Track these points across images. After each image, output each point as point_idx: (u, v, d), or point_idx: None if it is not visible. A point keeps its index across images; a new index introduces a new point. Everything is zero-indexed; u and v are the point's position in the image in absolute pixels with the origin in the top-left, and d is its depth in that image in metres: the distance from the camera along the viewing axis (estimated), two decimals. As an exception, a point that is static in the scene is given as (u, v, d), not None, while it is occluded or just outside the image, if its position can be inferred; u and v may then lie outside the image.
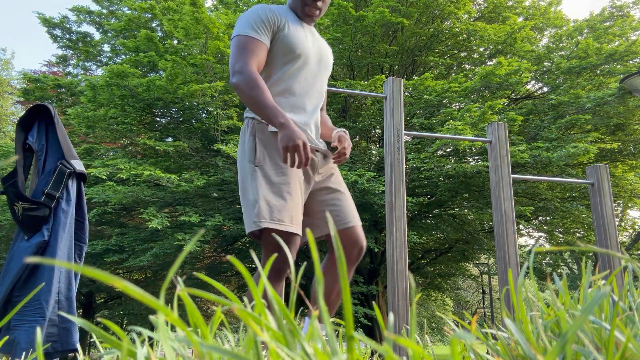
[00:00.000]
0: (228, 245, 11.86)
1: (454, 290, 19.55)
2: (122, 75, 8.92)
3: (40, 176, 2.16)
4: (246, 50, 1.73)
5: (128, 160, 9.42)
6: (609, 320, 0.51)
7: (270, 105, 1.62)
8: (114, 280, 0.28)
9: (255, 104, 1.64)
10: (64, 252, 2.09)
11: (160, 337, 0.35)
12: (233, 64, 1.73)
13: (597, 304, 0.36)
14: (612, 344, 0.41)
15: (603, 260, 3.03)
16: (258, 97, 1.63)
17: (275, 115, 1.60)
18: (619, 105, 9.50)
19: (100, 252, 9.65)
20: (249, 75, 1.68)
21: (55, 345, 1.95)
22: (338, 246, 0.38)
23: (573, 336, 0.33)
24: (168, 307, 0.36)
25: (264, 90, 1.65)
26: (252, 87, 1.65)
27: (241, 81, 1.68)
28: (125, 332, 0.40)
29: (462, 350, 0.57)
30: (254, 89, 1.65)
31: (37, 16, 11.92)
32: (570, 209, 10.43)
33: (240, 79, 1.68)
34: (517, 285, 0.61)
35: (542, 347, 0.52)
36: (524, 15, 12.35)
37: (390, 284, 2.43)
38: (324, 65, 1.94)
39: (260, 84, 1.66)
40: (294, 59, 1.82)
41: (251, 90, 1.65)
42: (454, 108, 10.18)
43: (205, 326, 0.44)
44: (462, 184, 9.71)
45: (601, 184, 3.18)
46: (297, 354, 0.36)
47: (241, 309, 0.36)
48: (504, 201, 2.85)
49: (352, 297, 9.68)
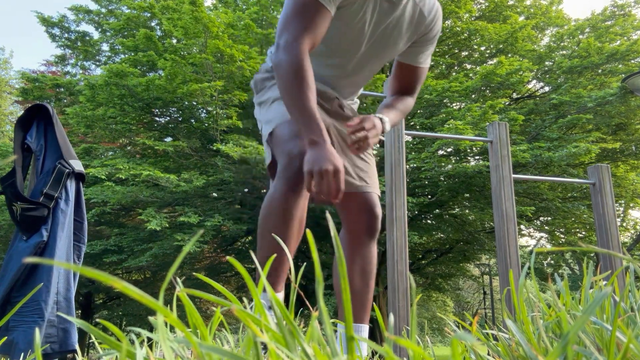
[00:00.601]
0: (227, 246, 11.86)
1: (454, 291, 19.55)
2: (121, 74, 8.92)
3: (39, 176, 2.16)
4: (303, 16, 1.30)
5: (127, 160, 9.42)
6: (610, 321, 0.51)
7: (308, 111, 1.23)
8: (113, 281, 0.28)
9: (290, 100, 1.26)
10: (63, 253, 2.08)
11: (160, 337, 0.35)
12: (280, 31, 1.32)
13: (598, 304, 0.36)
14: (613, 344, 0.41)
15: (604, 260, 3.03)
16: (297, 93, 1.25)
17: (309, 127, 1.22)
18: (621, 104, 9.50)
19: (99, 253, 9.65)
20: (297, 57, 1.27)
21: (54, 346, 1.95)
22: (338, 246, 0.38)
23: (574, 337, 0.33)
24: (167, 307, 0.36)
25: (308, 87, 1.26)
26: (294, 77, 1.26)
27: (284, 62, 1.27)
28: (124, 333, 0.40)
29: (463, 351, 0.56)
30: (295, 81, 1.26)
31: (36, 15, 11.91)
32: (572, 209, 10.43)
33: (283, 58, 1.28)
34: (518, 286, 0.60)
35: (544, 348, 0.52)
36: (525, 14, 12.35)
37: (390, 285, 2.43)
38: (383, 47, 1.52)
39: (307, 76, 1.26)
40: (329, 51, 1.48)
41: (292, 81, 1.26)
42: (454, 107, 10.18)
43: (204, 327, 0.44)
44: (463, 184, 9.71)
45: (602, 184, 3.18)
46: (297, 354, 0.36)
47: (240, 309, 0.36)
48: (505, 201, 2.84)
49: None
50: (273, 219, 1.29)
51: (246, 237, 11.29)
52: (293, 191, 1.28)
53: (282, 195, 1.28)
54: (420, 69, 1.61)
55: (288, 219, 1.29)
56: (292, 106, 1.26)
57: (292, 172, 1.27)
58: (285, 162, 1.29)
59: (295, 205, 1.29)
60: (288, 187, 1.27)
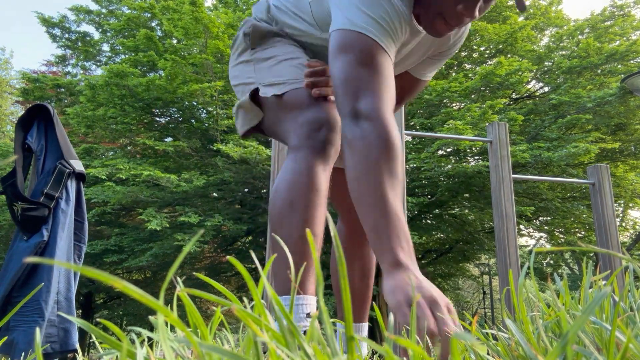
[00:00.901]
0: (228, 246, 11.86)
1: (454, 291, 19.55)
2: (121, 74, 8.93)
3: (40, 176, 2.16)
4: (376, 72, 0.99)
5: (127, 160, 9.42)
6: (609, 321, 0.51)
7: (393, 211, 0.85)
8: (114, 281, 0.28)
9: (368, 190, 0.89)
10: (63, 253, 2.08)
11: (160, 337, 0.35)
12: (352, 94, 0.97)
13: (598, 304, 0.36)
14: (613, 344, 0.41)
15: (604, 260, 3.03)
16: (382, 182, 0.88)
17: (396, 238, 0.83)
18: (620, 105, 9.51)
19: (100, 253, 9.66)
20: (386, 131, 0.93)
21: (55, 346, 1.95)
22: (338, 246, 0.38)
23: (574, 337, 0.33)
24: (167, 307, 0.36)
25: (396, 173, 0.91)
26: (382, 155, 0.90)
27: (371, 135, 0.92)
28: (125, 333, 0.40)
29: (463, 350, 0.57)
30: (383, 162, 0.90)
31: (37, 15, 11.91)
32: (571, 209, 10.44)
33: (370, 130, 0.93)
34: (518, 286, 0.60)
35: (543, 347, 0.52)
36: (524, 14, 12.35)
37: (390, 284, 2.42)
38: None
39: (397, 156, 0.92)
40: None
41: (378, 161, 0.90)
42: (454, 108, 10.18)
43: (204, 327, 0.44)
44: (463, 184, 9.71)
45: (602, 184, 3.18)
46: (297, 354, 0.36)
47: (241, 309, 0.36)
48: (504, 201, 2.85)
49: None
50: (303, 195, 1.03)
51: (246, 237, 11.29)
52: (323, 162, 1.07)
53: (310, 166, 1.05)
54: (421, 82, 1.44)
55: (321, 194, 1.05)
56: (370, 197, 0.88)
57: (319, 140, 1.07)
58: (308, 130, 1.08)
59: (325, 180, 1.07)
60: (316, 156, 1.06)
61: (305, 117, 1.10)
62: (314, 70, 1.17)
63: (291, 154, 1.09)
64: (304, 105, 1.12)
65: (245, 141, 8.70)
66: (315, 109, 1.11)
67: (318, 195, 1.04)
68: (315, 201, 1.03)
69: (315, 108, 1.11)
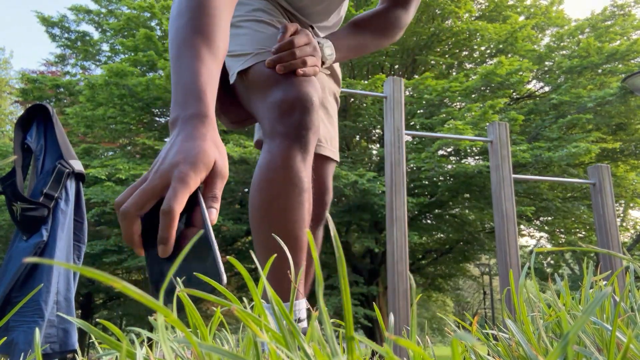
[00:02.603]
0: (227, 246, 11.86)
1: (454, 291, 19.56)
2: (121, 74, 8.93)
3: (39, 176, 2.16)
4: None
5: (127, 160, 9.42)
6: (610, 321, 0.51)
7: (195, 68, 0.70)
8: (113, 281, 0.28)
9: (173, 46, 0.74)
10: (63, 253, 2.08)
11: (160, 337, 0.35)
12: None
13: (598, 304, 0.36)
14: (613, 344, 0.41)
15: (604, 260, 3.03)
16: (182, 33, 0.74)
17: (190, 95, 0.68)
18: (621, 104, 9.51)
19: (99, 253, 9.66)
20: None
21: (54, 346, 1.95)
22: (338, 246, 0.38)
23: (574, 337, 0.33)
24: (167, 307, 0.36)
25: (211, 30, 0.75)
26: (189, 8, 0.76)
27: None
28: (124, 333, 0.40)
29: (463, 351, 0.56)
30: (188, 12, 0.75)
31: (36, 15, 11.92)
32: (572, 209, 10.44)
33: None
34: (518, 286, 0.60)
35: (544, 348, 0.52)
36: (525, 14, 12.35)
37: (390, 285, 2.42)
38: None
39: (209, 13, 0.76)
40: None
41: (180, 16, 0.76)
42: (454, 107, 10.18)
43: (204, 327, 0.44)
44: (463, 184, 9.71)
45: (602, 184, 3.18)
46: (297, 354, 0.36)
47: (241, 309, 0.36)
48: (505, 201, 2.84)
49: (352, 298, 9.69)
50: (279, 196, 0.93)
51: (246, 237, 11.29)
52: (301, 150, 0.94)
53: (286, 157, 0.93)
54: None
55: (301, 189, 0.94)
56: (173, 56, 0.73)
57: (292, 125, 0.93)
58: (278, 113, 0.94)
59: (305, 171, 0.95)
60: (292, 144, 0.93)
61: (273, 97, 0.96)
62: (281, 44, 0.99)
63: (265, 144, 0.97)
64: (270, 83, 0.97)
65: (245, 141, 8.71)
66: (283, 87, 0.95)
67: (298, 192, 0.94)
68: (295, 199, 0.93)
69: (282, 86, 0.95)
